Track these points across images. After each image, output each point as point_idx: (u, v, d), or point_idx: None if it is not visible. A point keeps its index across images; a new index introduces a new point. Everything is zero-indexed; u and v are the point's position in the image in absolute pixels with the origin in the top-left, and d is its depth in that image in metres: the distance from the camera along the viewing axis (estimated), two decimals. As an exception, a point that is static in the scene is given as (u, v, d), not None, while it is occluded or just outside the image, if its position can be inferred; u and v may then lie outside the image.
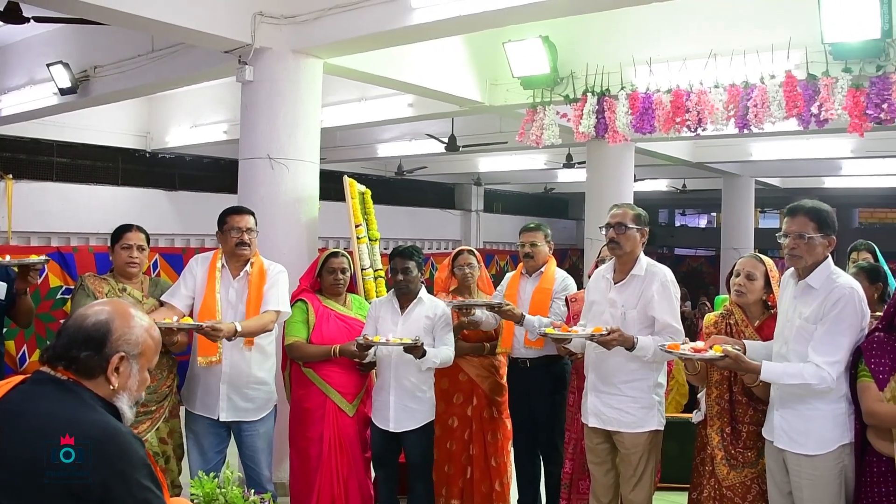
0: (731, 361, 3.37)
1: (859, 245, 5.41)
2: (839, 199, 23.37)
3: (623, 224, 4.02)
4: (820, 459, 3.33)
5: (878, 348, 3.24)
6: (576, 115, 6.64)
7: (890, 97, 5.46)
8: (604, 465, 4.16)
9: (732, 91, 5.99)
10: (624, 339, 3.83)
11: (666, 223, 32.00)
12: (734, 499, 3.79)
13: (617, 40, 6.71)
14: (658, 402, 4.04)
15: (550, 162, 14.63)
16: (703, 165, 13.62)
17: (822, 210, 3.44)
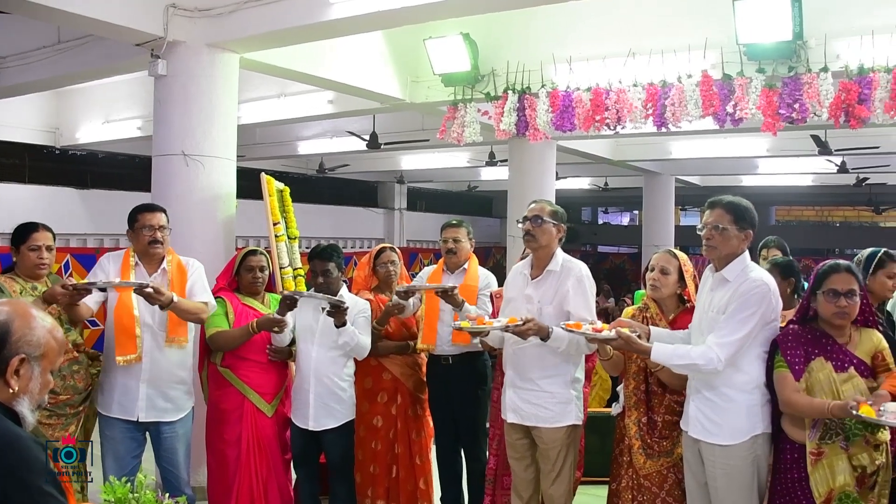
0: (622, 342, 3.48)
1: (769, 241, 5.56)
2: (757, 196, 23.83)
3: (539, 217, 4.04)
4: (733, 449, 3.41)
5: (794, 340, 3.34)
6: (497, 113, 6.66)
7: (801, 97, 5.62)
8: (524, 461, 4.19)
9: (651, 90, 6.09)
10: (539, 329, 3.84)
11: (589, 221, 32.45)
12: (651, 488, 3.87)
13: (537, 38, 6.74)
14: (576, 396, 4.08)
15: (473, 160, 14.65)
16: (625, 164, 13.82)
17: (739, 204, 3.53)
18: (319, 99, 8.82)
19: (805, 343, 3.33)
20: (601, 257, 27.95)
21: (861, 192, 18.59)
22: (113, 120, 10.80)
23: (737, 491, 3.41)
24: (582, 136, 7.73)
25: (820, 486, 3.19)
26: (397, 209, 20.39)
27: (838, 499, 3.16)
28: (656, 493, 3.87)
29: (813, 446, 3.22)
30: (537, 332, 3.85)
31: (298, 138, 13.25)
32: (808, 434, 3.24)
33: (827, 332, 3.35)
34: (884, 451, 3.25)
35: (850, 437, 3.19)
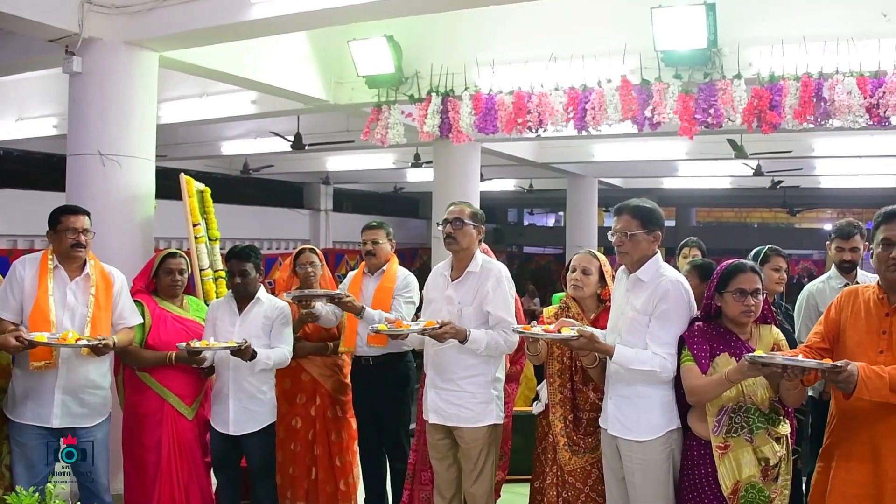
0: (585, 341, 3.49)
1: (690, 242, 5.69)
2: (677, 198, 24.60)
3: (460, 220, 4.08)
4: (649, 445, 3.48)
5: (699, 336, 3.42)
6: (420, 115, 6.68)
7: (716, 103, 5.78)
8: (445, 461, 4.21)
9: (572, 94, 6.18)
10: (456, 332, 3.88)
11: (515, 222, 32.68)
12: (576, 484, 3.93)
13: (461, 42, 6.79)
14: (496, 396, 4.11)
15: (399, 161, 14.66)
16: (549, 166, 13.98)
17: (645, 208, 3.60)
18: (242, 99, 8.71)
19: (710, 339, 3.41)
20: (527, 258, 28.24)
21: (776, 195, 19.17)
22: (27, 117, 10.45)
23: (653, 485, 3.48)
24: (506, 138, 7.79)
25: (727, 479, 3.27)
26: (323, 210, 20.26)
27: (745, 490, 3.25)
28: (580, 488, 3.94)
29: (719, 440, 3.31)
30: (455, 336, 3.89)
31: (222, 138, 13.07)
32: (713, 429, 3.32)
33: (730, 330, 3.44)
34: (784, 444, 3.36)
35: (753, 430, 3.29)
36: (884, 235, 3.09)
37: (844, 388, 2.87)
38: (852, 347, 3.12)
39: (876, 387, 2.84)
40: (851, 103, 5.45)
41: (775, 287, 4.55)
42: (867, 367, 2.87)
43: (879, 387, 2.84)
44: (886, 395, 2.85)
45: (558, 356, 4.03)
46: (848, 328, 3.17)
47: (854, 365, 2.86)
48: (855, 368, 2.84)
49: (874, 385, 2.84)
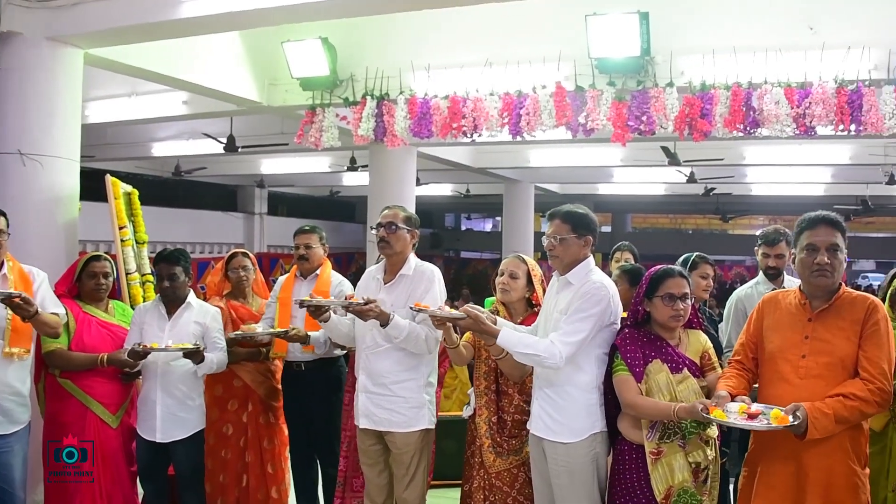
0: (471, 322, 3.52)
1: (622, 246, 5.76)
2: (613, 204, 24.95)
3: (393, 224, 4.07)
4: (574, 447, 3.51)
5: (631, 343, 3.45)
6: (355, 118, 6.63)
7: (648, 110, 5.85)
8: (377, 466, 4.19)
9: (507, 99, 6.19)
10: (380, 313, 3.86)
11: (452, 227, 32.80)
12: (502, 487, 3.96)
13: (396, 45, 6.75)
14: (428, 400, 4.12)
15: (335, 165, 14.54)
16: (485, 171, 14.02)
17: (576, 213, 3.65)
18: (173, 99, 8.54)
19: (642, 346, 3.45)
20: (464, 263, 28.36)
21: (709, 202, 19.57)
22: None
23: (579, 487, 3.51)
24: (441, 142, 7.79)
25: (660, 484, 3.31)
26: (258, 214, 20.03)
27: (677, 494, 3.30)
28: (507, 492, 3.96)
29: (653, 446, 3.34)
30: (378, 316, 3.86)
31: (152, 139, 12.81)
32: (647, 434, 3.36)
33: (660, 335, 3.48)
34: (713, 447, 3.43)
35: (686, 435, 3.34)
36: (808, 241, 3.16)
37: (797, 432, 2.94)
38: (775, 353, 3.20)
39: (824, 425, 2.93)
40: (779, 113, 5.57)
41: (702, 294, 4.64)
42: (813, 408, 2.94)
43: (826, 424, 2.93)
44: (833, 429, 2.95)
45: (484, 359, 4.06)
46: (770, 333, 3.25)
47: (803, 410, 2.93)
48: (805, 415, 2.91)
49: (822, 424, 2.93)
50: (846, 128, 5.56)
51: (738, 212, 23.77)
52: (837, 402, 2.95)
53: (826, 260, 3.10)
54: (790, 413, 2.93)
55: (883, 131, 5.49)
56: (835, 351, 3.07)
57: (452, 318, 3.59)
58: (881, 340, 3.04)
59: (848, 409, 2.93)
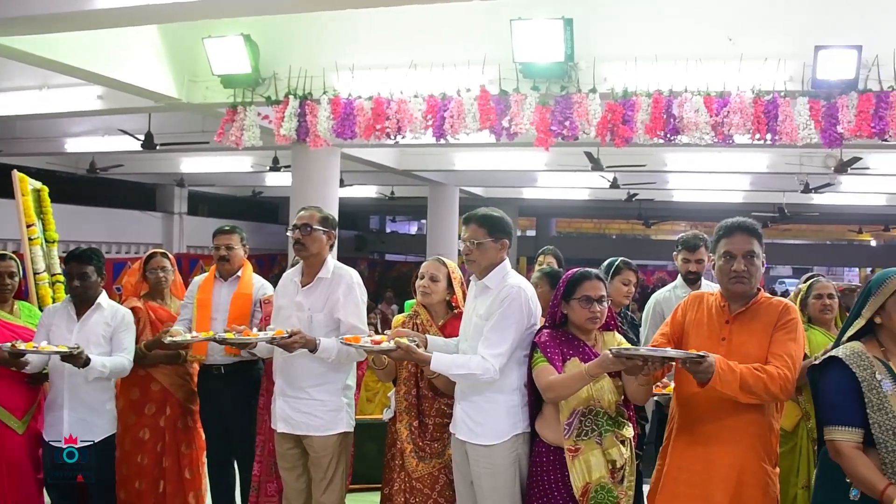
0: (402, 352, 3.51)
1: (546, 250, 5.81)
2: (538, 209, 25.16)
3: (309, 226, 4.02)
4: (496, 449, 3.52)
5: (551, 341, 3.49)
6: (277, 118, 6.56)
7: (571, 116, 5.93)
8: (295, 471, 4.14)
9: (431, 101, 6.22)
10: (306, 342, 3.82)
11: (377, 229, 32.70)
12: (423, 490, 3.93)
13: (320, 45, 6.70)
14: (347, 403, 4.09)
15: (257, 165, 14.30)
16: (410, 173, 13.98)
17: (491, 216, 3.66)
18: (87, 93, 8.22)
19: (560, 344, 3.49)
20: (388, 266, 28.26)
21: (632, 207, 19.90)
22: None
23: (501, 489, 3.53)
24: (365, 144, 7.74)
25: (578, 481, 3.35)
26: (177, 213, 19.60)
27: (595, 490, 3.34)
28: (428, 494, 3.94)
29: (570, 443, 3.38)
30: (304, 345, 3.83)
31: (66, 134, 12.38)
32: (564, 432, 3.40)
33: (577, 336, 3.53)
34: (629, 446, 3.48)
35: (602, 433, 3.39)
36: (725, 249, 3.22)
37: (702, 378, 2.96)
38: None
39: (728, 380, 2.95)
40: (698, 121, 5.71)
41: (622, 300, 4.70)
42: (723, 360, 2.99)
43: (731, 380, 2.96)
44: (735, 389, 2.97)
45: (405, 364, 4.02)
46: (691, 332, 3.32)
47: (713, 356, 2.97)
48: (713, 360, 2.95)
49: (727, 378, 2.95)
50: (762, 137, 5.73)
51: (660, 217, 24.28)
52: (747, 368, 3.00)
53: (743, 267, 3.17)
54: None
55: (797, 141, 5.67)
56: (749, 353, 3.13)
57: (383, 350, 3.57)
58: (791, 335, 3.13)
59: (754, 377, 2.98)
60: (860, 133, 5.61)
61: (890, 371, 2.86)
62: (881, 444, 2.77)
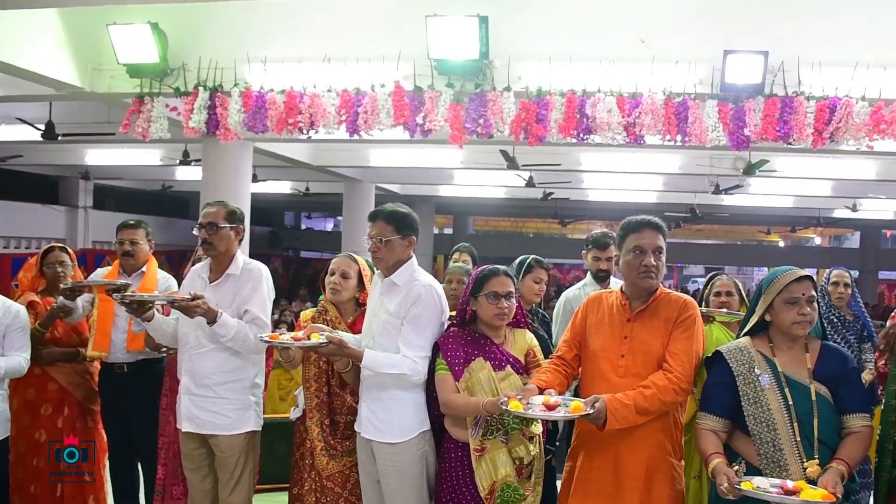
0: (334, 347, 3.45)
1: (461, 247, 5.83)
2: (455, 206, 25.19)
3: (214, 224, 3.95)
4: (402, 447, 3.54)
5: (454, 342, 3.51)
6: (186, 109, 6.40)
7: (486, 113, 5.96)
8: (200, 471, 4.07)
9: (345, 96, 6.18)
10: (207, 310, 3.75)
11: (292, 226, 32.33)
12: (334, 489, 3.92)
13: (232, 36, 6.57)
14: (255, 402, 4.04)
15: (167, 158, 13.89)
16: (324, 169, 13.81)
17: (399, 213, 3.65)
18: (-18, 80, 7.84)
19: (465, 344, 3.51)
20: (304, 263, 27.96)
21: (548, 206, 20.06)
22: None
23: (408, 486, 3.54)
24: (277, 138, 7.60)
25: (484, 480, 3.38)
26: (82, 207, 18.94)
27: (501, 489, 3.37)
28: (339, 493, 3.93)
29: (476, 443, 3.41)
30: (205, 313, 3.75)
31: (-42, 122, 11.78)
32: (471, 432, 3.42)
33: (485, 334, 3.56)
34: (537, 443, 3.53)
35: (509, 431, 3.42)
36: (634, 244, 3.28)
37: (597, 423, 3.05)
38: (596, 351, 3.33)
39: (623, 415, 3.05)
40: (611, 121, 5.80)
41: (533, 298, 4.72)
42: (613, 399, 3.06)
43: (626, 414, 3.06)
44: (634, 419, 3.07)
45: (314, 361, 4.00)
46: (593, 332, 3.38)
47: (602, 402, 3.03)
48: (603, 406, 3.02)
49: (622, 415, 3.05)
50: (672, 138, 5.86)
51: (576, 216, 24.59)
52: (637, 392, 3.09)
53: (653, 262, 3.24)
54: (589, 405, 3.03)
55: (706, 143, 5.81)
56: (651, 350, 3.22)
57: (312, 346, 3.49)
58: (689, 335, 3.22)
59: (647, 398, 3.08)
60: (766, 136, 5.80)
61: (772, 366, 3.01)
62: (755, 435, 2.94)
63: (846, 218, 19.86)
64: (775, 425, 2.92)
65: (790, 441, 2.90)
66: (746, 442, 2.99)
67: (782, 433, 2.91)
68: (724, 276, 4.88)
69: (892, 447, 3.13)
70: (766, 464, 2.90)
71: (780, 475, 2.84)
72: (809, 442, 2.91)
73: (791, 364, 3.04)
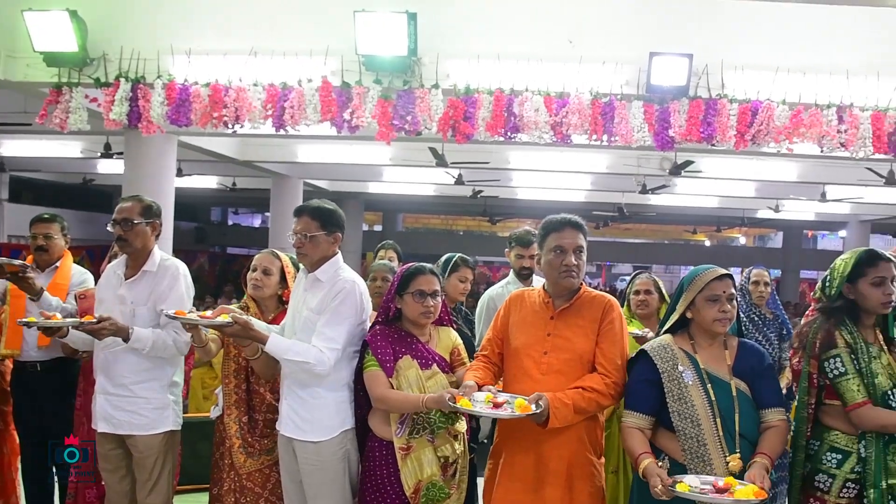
0: (239, 328, 3.41)
1: (386, 244, 5.85)
2: (384, 203, 25.13)
3: (129, 220, 3.86)
4: (324, 445, 3.51)
5: (382, 340, 3.49)
6: (107, 101, 6.20)
7: (414, 110, 5.93)
8: (118, 472, 3.98)
9: (271, 91, 6.09)
10: (117, 329, 3.68)
11: (219, 221, 31.86)
12: (254, 489, 3.89)
13: (155, 26, 6.39)
14: (173, 401, 3.97)
15: (87, 150, 13.55)
16: (252, 164, 13.63)
17: (324, 209, 3.63)
18: None
19: (392, 342, 3.50)
20: (230, 259, 27.52)
21: (478, 204, 20.16)
22: None
23: (329, 486, 3.52)
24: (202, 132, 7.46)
25: (409, 479, 3.37)
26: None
27: (426, 488, 3.37)
28: (259, 493, 3.90)
29: (402, 442, 3.40)
30: (115, 333, 3.69)
31: None
32: (396, 431, 3.41)
33: (410, 332, 3.55)
34: (462, 441, 3.54)
35: (435, 430, 3.41)
36: (556, 243, 3.31)
37: (538, 422, 3.06)
38: (519, 348, 3.35)
39: (564, 415, 3.08)
40: (538, 120, 5.83)
41: (458, 296, 4.74)
42: (555, 398, 3.08)
43: (566, 414, 3.09)
44: (572, 419, 3.12)
45: (234, 356, 3.97)
46: (515, 330, 3.40)
47: (545, 400, 3.06)
48: (546, 405, 3.05)
49: (562, 414, 3.08)
50: (599, 138, 5.93)
51: (506, 215, 24.76)
52: (577, 393, 3.13)
53: (574, 261, 3.28)
54: (533, 402, 3.06)
55: (632, 143, 5.90)
56: (574, 348, 3.25)
57: (217, 325, 3.43)
58: (616, 337, 3.27)
59: (586, 400, 3.13)
60: (690, 137, 5.91)
61: (694, 363, 3.08)
62: (680, 431, 3.00)
63: (769, 218, 20.47)
64: (699, 421, 2.98)
65: (713, 436, 2.96)
66: (669, 438, 3.05)
67: (706, 428, 2.97)
68: (645, 275, 4.99)
69: (804, 442, 3.21)
70: (691, 459, 2.96)
71: (703, 470, 2.91)
72: (731, 436, 2.98)
73: (711, 361, 3.12)
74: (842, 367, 3.11)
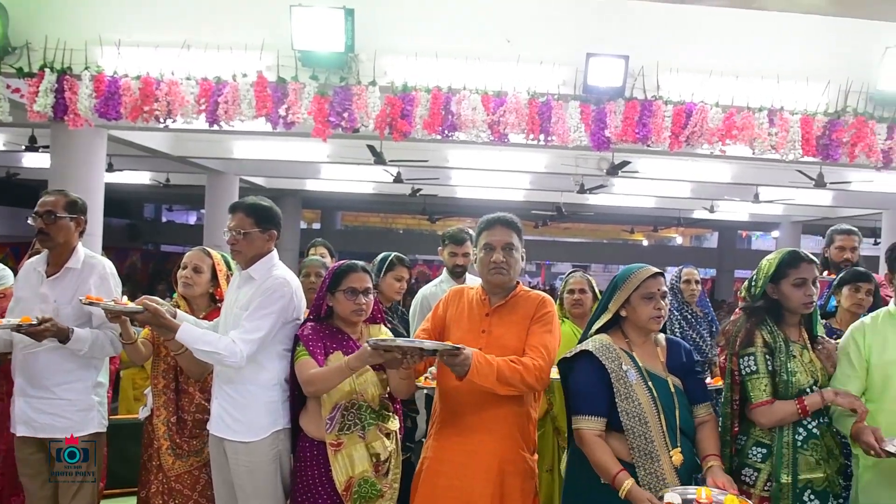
0: (150, 315, 3.36)
1: (317, 242, 5.81)
2: (322, 201, 24.87)
3: (53, 213, 3.77)
4: (255, 445, 3.46)
5: (314, 335, 3.46)
6: (31, 92, 6.01)
7: (351, 107, 5.88)
8: (39, 477, 3.87)
9: (204, 85, 6.00)
10: (58, 331, 3.58)
11: (152, 218, 31.27)
12: (183, 490, 3.83)
13: (83, 15, 6.22)
14: (98, 402, 3.89)
15: (11, 143, 13.11)
16: (185, 160, 13.34)
17: (259, 206, 3.59)
18: None
19: (324, 338, 3.47)
20: (164, 257, 27.01)
21: (417, 202, 20.07)
22: None
23: (261, 486, 3.47)
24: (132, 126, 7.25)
25: (341, 475, 3.34)
26: (-89, 194, 17.65)
27: (358, 484, 3.34)
28: (188, 495, 3.83)
29: (332, 438, 3.36)
30: (56, 334, 3.58)
31: None
32: (326, 426, 3.37)
33: (342, 329, 3.52)
34: (394, 439, 3.52)
35: (366, 427, 3.39)
36: (486, 241, 3.32)
37: (459, 371, 3.00)
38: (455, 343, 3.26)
39: (485, 373, 3.02)
40: (475, 118, 5.84)
41: (394, 296, 4.72)
42: (480, 354, 3.05)
43: (488, 373, 3.02)
44: (493, 381, 3.04)
45: (164, 356, 3.90)
46: (452, 325, 3.39)
47: (469, 350, 3.01)
48: (470, 353, 3.00)
49: (484, 371, 3.02)
50: (535, 137, 5.94)
51: (445, 213, 24.70)
52: (504, 361, 3.08)
53: (501, 258, 3.27)
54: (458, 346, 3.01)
55: (568, 143, 5.93)
56: (508, 345, 3.23)
57: (128, 311, 3.38)
58: (547, 327, 3.26)
59: (511, 369, 3.07)
60: (626, 138, 5.97)
61: (634, 362, 3.11)
62: (629, 430, 3.00)
63: (705, 219, 20.82)
64: (646, 418, 3.01)
65: (659, 432, 3.00)
66: (616, 438, 3.04)
67: (652, 425, 3.00)
68: (578, 274, 5.01)
69: (729, 438, 3.27)
70: (639, 456, 2.98)
71: (651, 466, 2.94)
72: (673, 431, 3.03)
73: (647, 358, 3.15)
74: (753, 366, 3.19)
